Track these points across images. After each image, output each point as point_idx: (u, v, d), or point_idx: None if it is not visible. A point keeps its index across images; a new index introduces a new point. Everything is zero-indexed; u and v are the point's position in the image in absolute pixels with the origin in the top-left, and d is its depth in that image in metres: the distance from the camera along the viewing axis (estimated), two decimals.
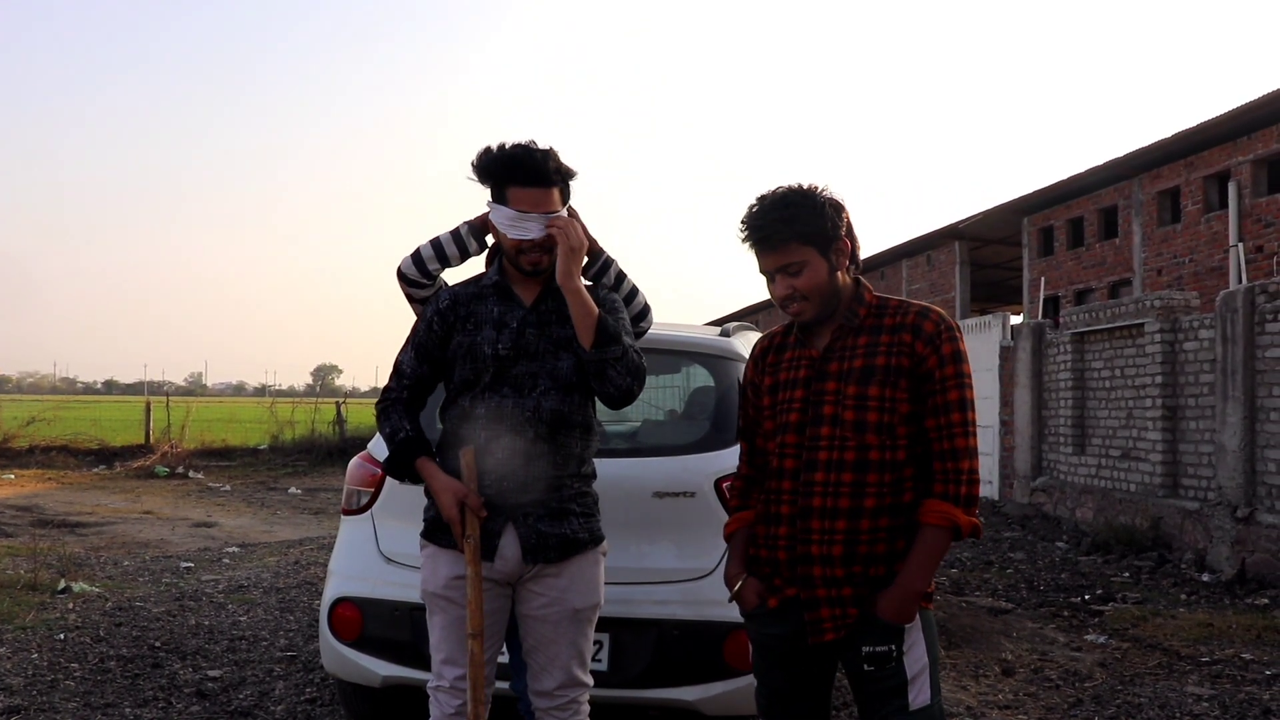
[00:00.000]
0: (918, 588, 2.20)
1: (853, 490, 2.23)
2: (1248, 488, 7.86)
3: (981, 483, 2.62)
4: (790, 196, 2.28)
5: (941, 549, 2.22)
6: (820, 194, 2.30)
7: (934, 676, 2.24)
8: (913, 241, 23.44)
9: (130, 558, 8.36)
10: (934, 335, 2.25)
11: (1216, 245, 14.60)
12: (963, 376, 2.25)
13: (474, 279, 2.71)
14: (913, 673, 2.22)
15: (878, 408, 2.24)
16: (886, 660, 2.21)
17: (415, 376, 2.65)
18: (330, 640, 3.57)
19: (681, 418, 4.60)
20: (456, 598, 2.54)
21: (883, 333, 2.29)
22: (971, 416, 2.25)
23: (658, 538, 3.45)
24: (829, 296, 2.31)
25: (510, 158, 2.50)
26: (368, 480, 3.68)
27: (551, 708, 2.58)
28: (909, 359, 2.25)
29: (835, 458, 2.25)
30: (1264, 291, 7.87)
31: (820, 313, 2.33)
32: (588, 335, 2.48)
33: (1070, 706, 4.64)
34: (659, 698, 3.35)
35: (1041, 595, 7.26)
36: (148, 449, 18.26)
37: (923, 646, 2.24)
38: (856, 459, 2.23)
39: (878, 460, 2.24)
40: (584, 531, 2.59)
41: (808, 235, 2.26)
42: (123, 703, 4.40)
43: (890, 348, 2.26)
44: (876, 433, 2.24)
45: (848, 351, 2.30)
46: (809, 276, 2.28)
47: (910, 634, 2.22)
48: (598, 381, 2.51)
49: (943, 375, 2.24)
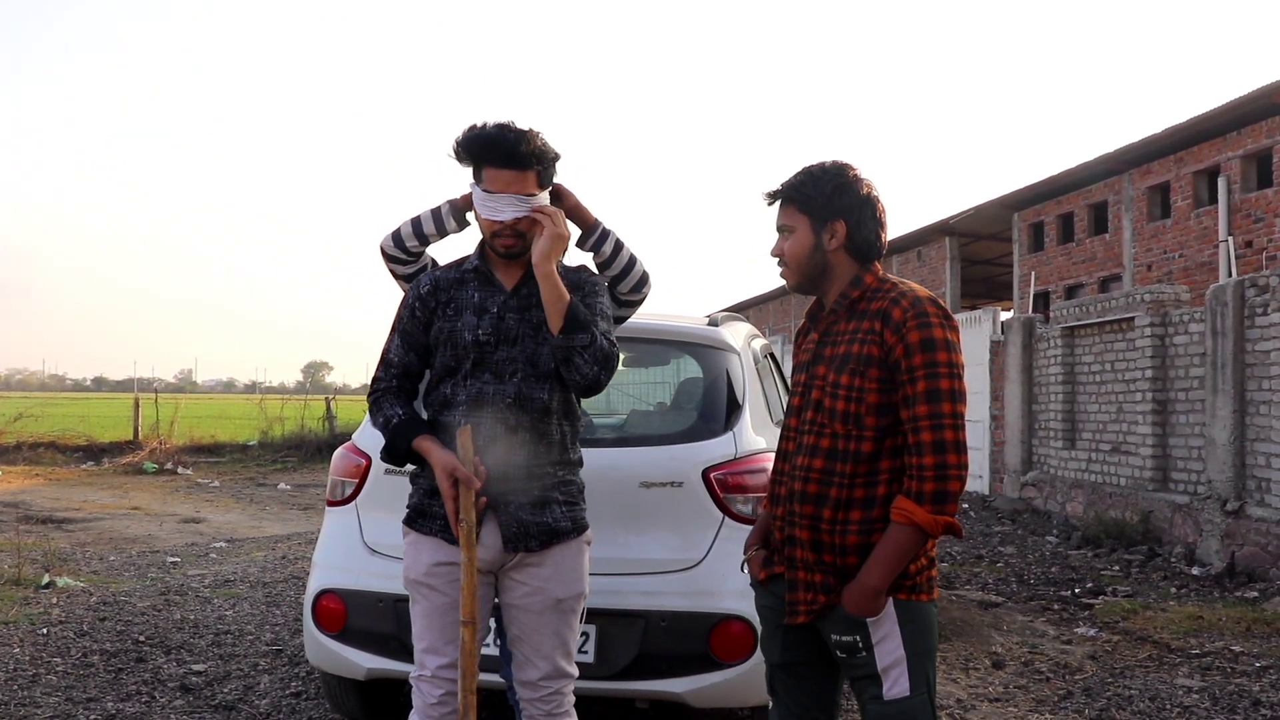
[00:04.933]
0: (874, 584, 2.14)
1: (821, 478, 2.23)
2: (1237, 481, 7.87)
3: (970, 477, 2.55)
4: (816, 166, 2.32)
5: (903, 546, 2.13)
6: (846, 173, 2.29)
7: (916, 669, 2.19)
8: (904, 237, 23.42)
9: (116, 553, 8.29)
10: (900, 323, 2.17)
11: (1206, 240, 14.63)
12: (934, 366, 2.14)
13: (456, 263, 2.66)
14: (884, 664, 2.19)
15: (846, 396, 2.21)
16: (855, 650, 2.21)
17: (403, 365, 2.61)
18: (314, 632, 3.53)
19: (670, 408, 4.56)
20: (439, 585, 2.50)
21: (867, 318, 2.24)
22: (945, 408, 2.13)
23: (645, 528, 3.41)
24: (810, 270, 2.33)
25: (485, 138, 2.45)
26: (352, 471, 3.63)
27: (536, 698, 2.54)
28: (878, 347, 2.19)
29: (813, 443, 2.26)
30: (1254, 285, 7.87)
31: (800, 284, 2.36)
32: (556, 321, 2.44)
33: (1060, 699, 4.62)
34: (646, 689, 3.32)
35: (1032, 589, 7.26)
36: (136, 445, 18.14)
37: (898, 639, 2.19)
38: (829, 446, 2.23)
39: (843, 450, 2.21)
40: (567, 520, 2.55)
41: (802, 203, 2.30)
42: (105, 697, 4.35)
43: (866, 335, 2.22)
44: (843, 422, 2.21)
45: (839, 336, 2.29)
46: (793, 244, 2.33)
47: (880, 627, 2.19)
48: (565, 368, 2.47)
49: (909, 365, 2.15)
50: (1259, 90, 12.73)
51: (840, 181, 2.28)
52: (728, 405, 3.63)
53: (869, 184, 2.32)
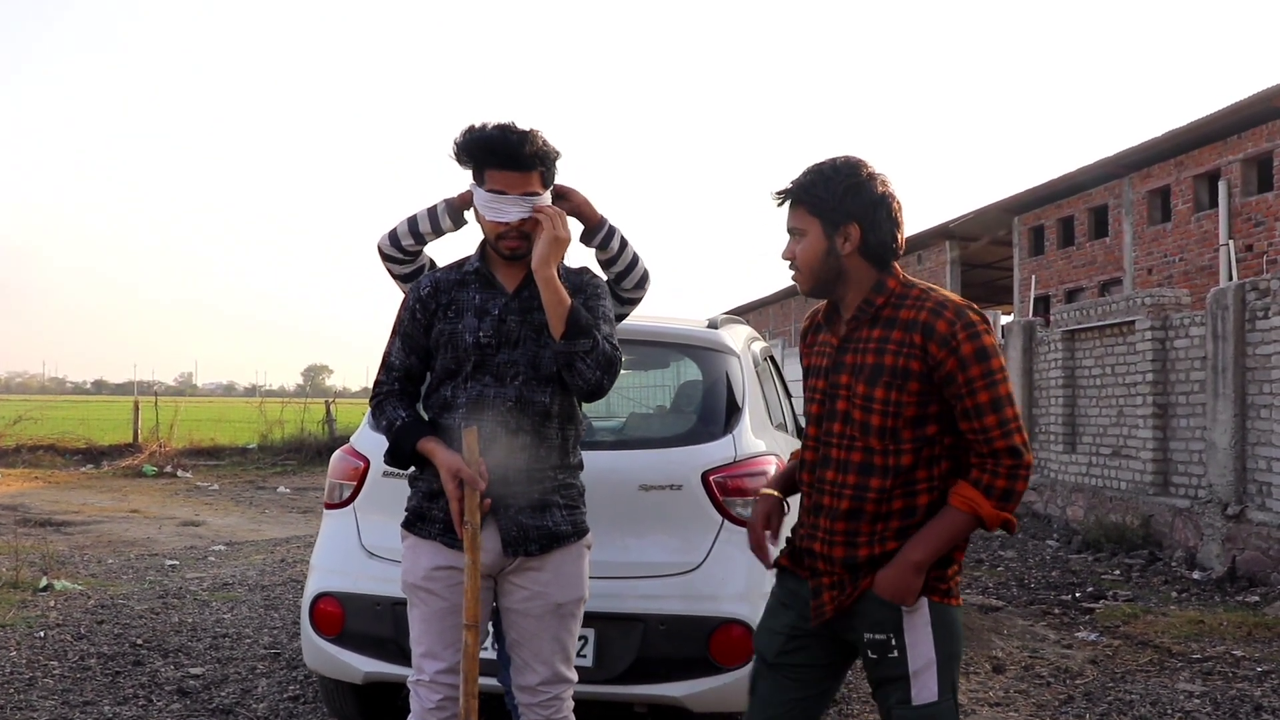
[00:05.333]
0: (916, 559, 2.10)
1: (854, 493, 2.16)
2: (1238, 485, 7.85)
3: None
4: (827, 165, 2.21)
5: (954, 529, 2.11)
6: (860, 172, 2.19)
7: (944, 674, 2.14)
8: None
9: (115, 556, 8.28)
10: (948, 336, 2.09)
11: (1207, 244, 14.62)
12: (991, 374, 2.09)
13: (456, 264, 2.64)
14: (916, 666, 2.13)
15: (882, 411, 2.13)
16: (887, 649, 2.15)
17: (404, 368, 2.59)
18: (311, 636, 3.51)
19: (669, 410, 4.55)
20: (437, 589, 2.49)
21: (896, 327, 2.15)
22: (1009, 413, 2.10)
23: (644, 531, 3.39)
24: (823, 275, 2.23)
25: (487, 139, 2.42)
26: (350, 473, 3.62)
27: (534, 703, 2.52)
28: (920, 362, 2.11)
29: (844, 457, 2.19)
30: (1255, 289, 7.86)
31: (814, 288, 2.26)
32: (558, 326, 2.41)
33: (1061, 704, 4.60)
34: (645, 694, 3.30)
35: (1032, 593, 7.24)
36: (136, 448, 18.13)
37: (929, 642, 2.14)
38: (862, 461, 2.16)
39: (880, 465, 2.14)
40: (567, 524, 2.53)
41: (812, 205, 2.20)
42: (101, 701, 4.33)
43: (901, 347, 2.13)
44: (879, 437, 2.14)
45: (862, 343, 2.20)
46: (805, 247, 2.22)
47: (915, 627, 2.13)
48: (567, 373, 2.45)
49: (968, 378, 2.09)
50: (1259, 94, 12.74)
51: (853, 181, 2.18)
52: (727, 408, 3.61)
53: (883, 181, 2.22)
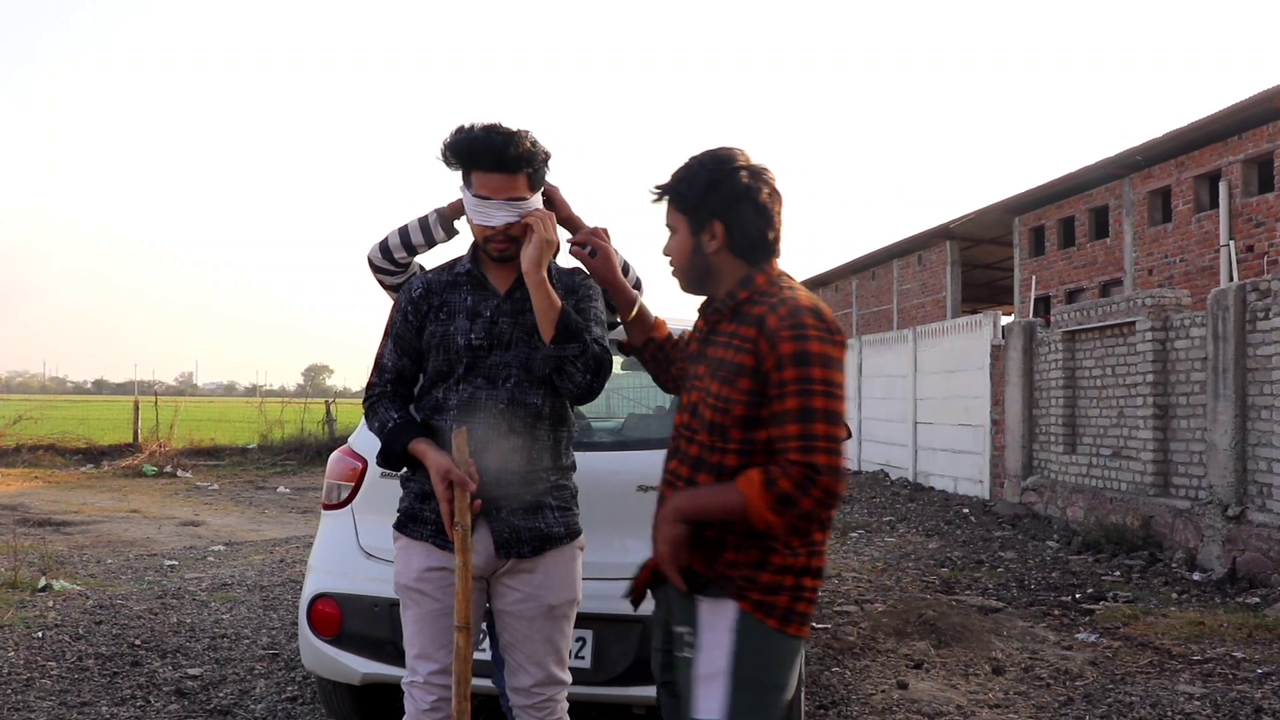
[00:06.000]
0: (674, 503, 2.02)
1: (686, 487, 2.08)
2: (1239, 486, 7.84)
3: (970, 482, 2.33)
4: (694, 160, 2.11)
5: (722, 502, 1.96)
6: (723, 166, 2.07)
7: (738, 699, 1.95)
8: (904, 241, 23.44)
9: (114, 556, 8.27)
10: (774, 332, 1.95)
11: (1207, 245, 14.61)
12: (808, 381, 1.91)
13: (448, 265, 2.63)
14: (703, 670, 1.98)
15: (714, 406, 2.04)
16: (683, 645, 2.04)
17: (397, 369, 2.58)
18: (309, 637, 3.50)
19: (667, 411, 4.54)
20: (430, 590, 2.48)
21: (746, 322, 2.04)
22: (818, 429, 1.89)
23: (642, 532, 3.37)
24: (692, 273, 2.15)
25: (473, 141, 2.39)
26: (348, 474, 3.61)
27: (528, 705, 2.52)
28: (752, 357, 1.99)
29: (685, 449, 2.13)
30: (1255, 289, 7.84)
31: (688, 286, 2.18)
32: (548, 330, 2.40)
33: (1061, 705, 4.59)
34: (643, 696, 3.29)
35: (1032, 594, 7.22)
36: (136, 448, 18.14)
37: (725, 650, 1.96)
38: (697, 455, 2.09)
39: (708, 463, 2.05)
40: (559, 525, 2.53)
41: (679, 202, 2.13)
42: (99, 701, 4.32)
43: (744, 342, 2.01)
44: (709, 432, 2.06)
45: (718, 337, 2.11)
46: (676, 245, 2.17)
47: (711, 626, 1.99)
48: (556, 376, 2.44)
49: (780, 379, 1.93)
50: (1260, 94, 12.72)
51: (714, 177, 2.06)
52: None
53: (753, 173, 2.08)
